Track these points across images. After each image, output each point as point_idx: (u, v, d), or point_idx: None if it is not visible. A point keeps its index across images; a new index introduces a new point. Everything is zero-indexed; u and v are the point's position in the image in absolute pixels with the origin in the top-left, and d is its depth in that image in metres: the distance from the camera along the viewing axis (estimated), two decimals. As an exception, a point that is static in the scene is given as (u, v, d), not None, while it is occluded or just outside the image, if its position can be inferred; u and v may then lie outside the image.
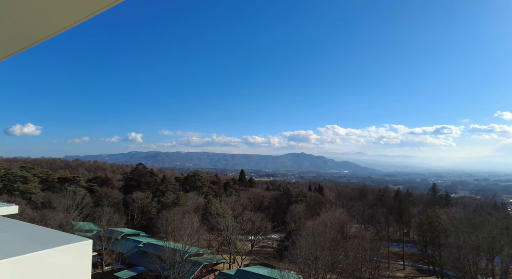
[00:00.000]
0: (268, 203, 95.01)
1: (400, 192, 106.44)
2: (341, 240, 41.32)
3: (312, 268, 26.83)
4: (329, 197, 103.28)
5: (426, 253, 56.17)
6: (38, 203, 54.55)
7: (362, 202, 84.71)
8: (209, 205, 61.68)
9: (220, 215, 50.47)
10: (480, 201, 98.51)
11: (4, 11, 1.66)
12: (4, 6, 1.60)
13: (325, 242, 31.42)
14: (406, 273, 55.52)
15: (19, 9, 1.65)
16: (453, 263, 42.16)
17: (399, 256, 62.06)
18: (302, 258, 27.73)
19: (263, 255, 61.21)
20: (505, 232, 43.64)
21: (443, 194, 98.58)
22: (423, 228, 56.77)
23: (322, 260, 26.96)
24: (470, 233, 42.66)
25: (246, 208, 67.96)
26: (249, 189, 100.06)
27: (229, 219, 49.32)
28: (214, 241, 56.80)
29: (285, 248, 50.44)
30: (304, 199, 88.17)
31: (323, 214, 57.86)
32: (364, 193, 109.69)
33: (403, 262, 59.74)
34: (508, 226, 47.42)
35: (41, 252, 1.52)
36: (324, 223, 49.94)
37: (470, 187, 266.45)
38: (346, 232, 51.95)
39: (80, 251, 1.70)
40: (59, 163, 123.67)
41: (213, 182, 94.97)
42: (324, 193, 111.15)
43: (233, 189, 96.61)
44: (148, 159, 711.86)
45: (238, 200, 67.47)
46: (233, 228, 48.26)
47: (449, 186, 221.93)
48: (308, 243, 29.32)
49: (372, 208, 76.58)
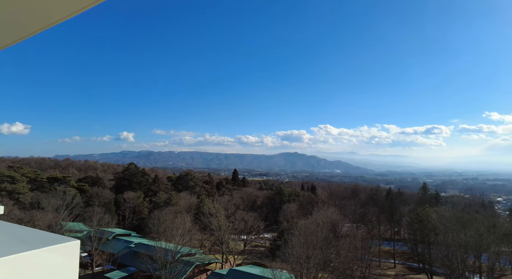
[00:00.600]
0: (261, 203, 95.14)
1: (392, 191, 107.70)
2: (333, 239, 41.66)
3: (304, 267, 26.99)
4: (322, 197, 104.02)
5: (416, 251, 57.11)
6: (26, 203, 53.46)
7: (354, 201, 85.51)
8: (202, 204, 61.43)
9: (213, 215, 50.33)
10: (469, 200, 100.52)
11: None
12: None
13: (317, 241, 31.62)
14: (396, 271, 56.30)
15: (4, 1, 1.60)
16: (442, 260, 42.99)
17: (390, 255, 62.89)
18: (294, 257, 27.87)
19: (256, 254, 61.30)
20: (492, 230, 44.65)
21: (433, 193, 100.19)
22: (413, 226, 57.66)
23: (314, 259, 27.16)
24: (459, 231, 43.54)
25: (239, 207, 67.92)
26: (242, 189, 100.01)
27: (222, 219, 49.22)
28: (207, 241, 56.61)
29: (277, 247, 50.59)
30: (296, 198, 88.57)
31: (316, 213, 58.25)
32: (356, 192, 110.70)
33: (394, 261, 60.57)
34: (494, 224, 48.54)
35: (27, 253, 1.48)
36: (316, 222, 50.26)
37: (459, 186, 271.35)
38: (338, 231, 52.36)
39: (67, 251, 1.66)
40: (48, 162, 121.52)
41: (205, 181, 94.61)
42: (317, 193, 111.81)
43: (226, 188, 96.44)
44: (140, 159, 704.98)
45: (231, 199, 67.38)
46: (225, 228, 48.20)
47: (439, 185, 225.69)
48: (300, 242, 29.49)
49: (364, 207, 77.43)
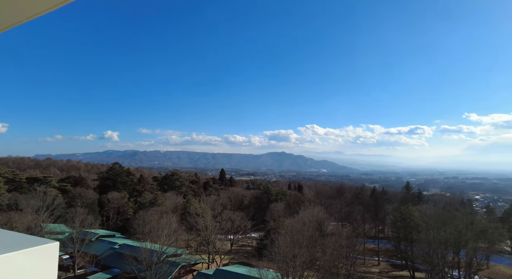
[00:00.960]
0: (248, 202, 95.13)
1: (376, 190, 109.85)
2: (318, 238, 42.16)
3: (290, 266, 27.19)
4: (308, 196, 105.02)
5: (400, 248, 58.57)
6: (3, 205, 51.43)
7: (340, 200, 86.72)
8: (188, 205, 60.88)
9: (199, 215, 49.99)
10: (449, 198, 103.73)
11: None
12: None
13: (303, 240, 31.93)
14: (380, 268, 57.58)
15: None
16: (424, 257, 44.27)
17: (374, 252, 64.24)
18: (280, 256, 28.02)
19: (242, 254, 61.27)
20: (470, 227, 46.36)
21: (416, 192, 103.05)
22: (397, 224, 59.09)
23: (300, 257, 27.40)
24: (439, 229, 44.98)
25: (226, 207, 67.72)
26: (229, 189, 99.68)
27: (209, 219, 48.96)
28: (193, 241, 56.17)
29: (264, 246, 50.74)
30: (283, 197, 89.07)
31: (302, 212, 58.74)
32: (342, 192, 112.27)
33: (378, 258, 61.92)
34: (472, 221, 50.39)
35: (3, 255, 1.44)
36: (302, 221, 50.74)
37: (441, 185, 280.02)
38: (324, 229, 53.00)
39: (46, 254, 1.63)
40: (28, 162, 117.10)
41: (192, 181, 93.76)
42: (303, 192, 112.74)
43: (213, 188, 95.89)
44: (125, 158, 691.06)
45: (218, 199, 67.08)
46: (212, 228, 47.96)
47: (422, 184, 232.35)
48: (287, 241, 29.69)
49: (349, 206, 78.71)
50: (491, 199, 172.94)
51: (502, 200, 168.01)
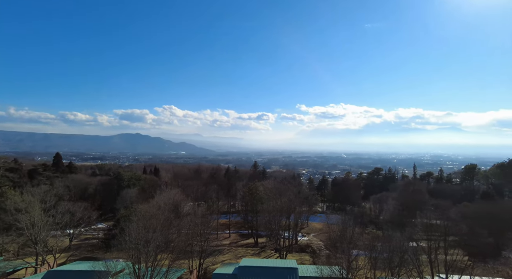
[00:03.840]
0: (94, 190, 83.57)
1: (230, 169, 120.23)
2: (174, 219, 42.02)
3: (142, 252, 25.80)
4: (165, 179, 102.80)
5: (247, 219, 66.92)
6: None
7: (198, 181, 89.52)
8: (3, 199, 47.01)
9: (22, 211, 39.64)
10: (285, 174, 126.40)
11: None
12: None
13: (157, 224, 30.92)
14: (231, 240, 63.90)
15: None
16: (265, 225, 52.38)
17: (226, 226, 70.44)
18: (132, 243, 26.08)
19: (86, 248, 54.11)
20: (298, 196, 58.31)
21: (261, 170, 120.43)
22: (245, 199, 66.98)
23: (153, 241, 26.41)
24: (277, 199, 54.13)
25: (63, 198, 57.11)
26: (68, 176, 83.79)
27: (37, 214, 39.63)
28: (11, 244, 44.24)
29: (113, 236, 46.25)
30: (137, 182, 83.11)
31: (158, 196, 56.92)
32: (199, 173, 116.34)
33: (229, 231, 68.37)
34: (300, 191, 63.54)
35: None
36: (157, 205, 49.20)
37: (280, 163, 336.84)
38: (180, 211, 53.33)
39: None
40: None
41: (10, 169, 72.77)
42: (160, 175, 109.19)
43: (44, 176, 77.91)
44: None
45: (51, 189, 55.19)
46: (42, 224, 39.16)
47: (266, 163, 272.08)
48: (139, 227, 27.92)
49: (205, 186, 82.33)
50: (312, 172, 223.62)
51: (318, 173, 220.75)
